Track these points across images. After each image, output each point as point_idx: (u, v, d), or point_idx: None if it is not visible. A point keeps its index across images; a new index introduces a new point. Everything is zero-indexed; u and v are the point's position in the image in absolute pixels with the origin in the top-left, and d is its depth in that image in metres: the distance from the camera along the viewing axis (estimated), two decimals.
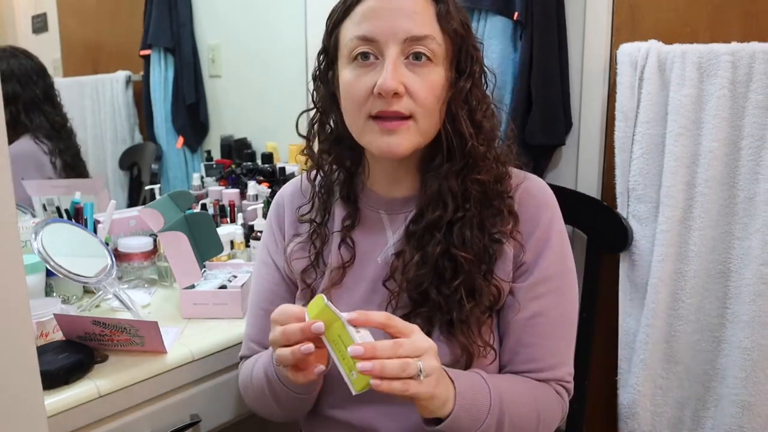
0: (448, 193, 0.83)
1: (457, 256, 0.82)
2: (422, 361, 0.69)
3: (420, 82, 0.80)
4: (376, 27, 0.79)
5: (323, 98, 0.90)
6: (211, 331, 1.11)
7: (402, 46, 0.79)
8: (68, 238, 1.14)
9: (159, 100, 2.11)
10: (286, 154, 1.93)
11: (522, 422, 0.81)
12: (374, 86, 0.78)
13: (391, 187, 0.91)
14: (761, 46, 1.17)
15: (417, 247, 0.84)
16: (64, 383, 0.90)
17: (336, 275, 0.89)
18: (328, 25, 0.86)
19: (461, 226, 0.83)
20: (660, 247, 1.27)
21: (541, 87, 1.41)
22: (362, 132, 0.83)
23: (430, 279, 0.82)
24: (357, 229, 0.91)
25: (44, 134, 1.71)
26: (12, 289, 0.52)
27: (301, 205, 0.95)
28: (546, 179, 1.53)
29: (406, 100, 0.79)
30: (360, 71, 0.81)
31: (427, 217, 0.84)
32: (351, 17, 0.82)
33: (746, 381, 1.20)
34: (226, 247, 1.39)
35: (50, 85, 1.77)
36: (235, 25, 2.07)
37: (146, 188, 1.77)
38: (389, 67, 0.78)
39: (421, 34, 0.79)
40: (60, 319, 0.98)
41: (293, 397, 0.85)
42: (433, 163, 0.85)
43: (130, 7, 2.15)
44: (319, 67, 0.89)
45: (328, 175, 0.93)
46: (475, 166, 0.84)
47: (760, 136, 1.18)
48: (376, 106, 0.80)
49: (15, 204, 0.52)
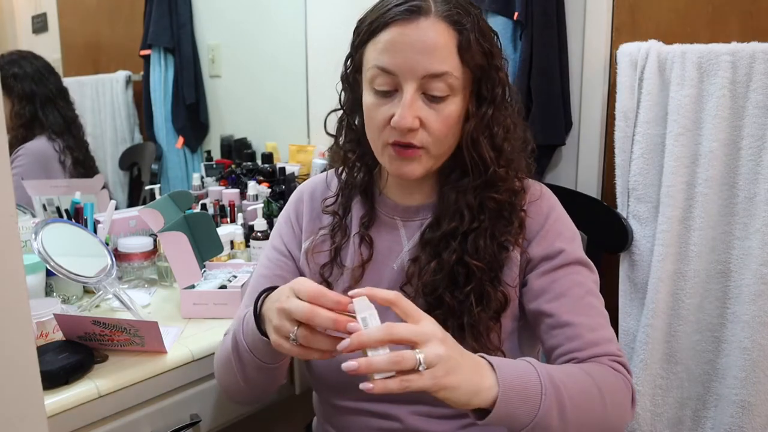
0: (465, 206, 0.85)
1: (470, 263, 0.83)
2: (424, 349, 0.63)
3: (435, 116, 0.81)
4: (396, 60, 0.80)
5: (350, 100, 0.91)
6: (211, 331, 1.11)
7: (420, 81, 0.80)
8: (68, 238, 1.14)
9: (159, 100, 2.11)
10: (286, 154, 1.93)
11: (585, 401, 0.74)
12: (391, 117, 0.80)
13: (406, 196, 0.93)
14: (761, 46, 1.17)
15: (433, 254, 0.86)
16: (64, 383, 0.90)
17: (357, 273, 0.91)
18: (355, 37, 0.87)
19: (475, 236, 0.85)
20: (660, 246, 1.27)
21: (541, 87, 1.41)
22: (380, 153, 0.86)
23: (445, 284, 0.84)
24: (374, 234, 0.93)
25: (57, 131, 1.78)
26: (12, 289, 0.52)
27: (326, 197, 0.97)
28: (546, 179, 1.53)
29: (421, 133, 0.82)
30: (379, 100, 0.83)
31: (443, 227, 0.86)
32: (374, 42, 0.82)
33: (746, 381, 1.20)
34: (226, 247, 1.39)
35: (60, 81, 1.84)
36: (235, 24, 2.07)
37: (146, 188, 1.78)
38: (405, 105, 0.79)
39: (439, 71, 0.79)
40: (60, 319, 0.98)
41: (260, 367, 0.83)
42: (452, 176, 0.88)
43: (130, 7, 2.15)
44: (346, 71, 0.91)
45: (351, 172, 0.95)
46: (494, 186, 0.86)
47: (760, 136, 1.18)
48: (392, 135, 0.82)
49: (15, 204, 0.52)
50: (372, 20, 0.83)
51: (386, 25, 0.81)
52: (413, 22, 0.79)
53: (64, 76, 2.07)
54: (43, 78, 1.78)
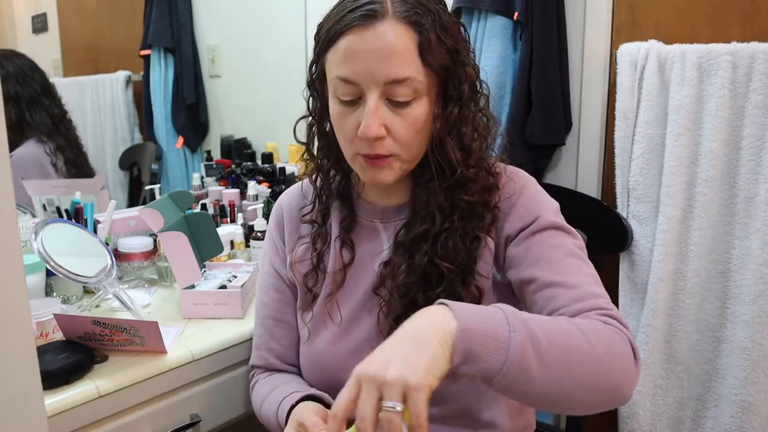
0: (437, 208, 0.84)
1: (440, 265, 0.82)
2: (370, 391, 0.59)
3: (401, 121, 0.79)
4: (356, 69, 0.77)
5: (318, 106, 0.90)
6: (211, 331, 1.11)
7: (383, 88, 0.77)
8: (68, 238, 1.14)
9: (159, 100, 2.11)
10: (286, 154, 1.93)
11: (565, 341, 0.66)
12: (358, 126, 0.79)
13: (384, 197, 0.92)
14: (761, 46, 1.17)
15: (406, 256, 0.85)
16: (64, 383, 0.90)
17: (339, 277, 0.91)
18: (316, 43, 0.85)
19: (446, 237, 0.83)
20: (660, 246, 1.27)
21: (541, 87, 1.41)
22: (352, 162, 0.85)
23: (418, 285, 0.83)
24: (355, 237, 0.92)
25: (46, 131, 1.72)
26: (12, 289, 0.52)
27: (303, 206, 0.96)
28: (546, 179, 1.53)
29: (388, 141, 0.80)
30: (345, 109, 0.81)
31: (415, 230, 0.85)
32: (333, 51, 0.80)
33: (746, 381, 1.20)
34: (226, 247, 1.39)
35: (45, 78, 1.78)
36: (235, 25, 2.07)
37: (146, 188, 1.77)
38: (369, 113, 0.77)
39: (400, 77, 0.76)
40: (60, 319, 0.98)
41: None
42: (422, 178, 0.86)
43: (130, 7, 2.16)
44: (311, 76, 0.89)
45: (327, 177, 0.93)
46: (464, 186, 0.84)
47: (760, 136, 1.18)
48: (361, 147, 0.81)
49: (15, 204, 0.52)
50: (329, 27, 0.80)
51: (342, 32, 0.78)
52: (370, 28, 0.76)
53: (64, 76, 2.07)
54: (26, 77, 1.71)
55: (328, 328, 0.91)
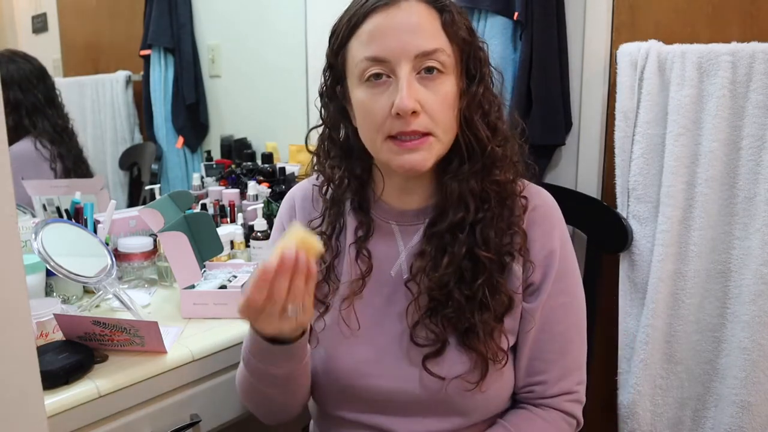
0: (469, 194, 0.84)
1: (479, 255, 0.82)
2: None
3: (434, 96, 0.80)
4: (385, 46, 0.78)
5: (332, 114, 0.89)
6: (211, 331, 1.11)
7: (413, 62, 0.78)
8: (68, 238, 1.14)
9: (159, 100, 2.11)
10: (286, 154, 1.93)
11: None
12: (391, 106, 0.78)
13: (403, 200, 0.91)
14: (761, 46, 1.17)
15: (440, 248, 0.85)
16: (64, 383, 0.90)
17: (356, 286, 0.89)
18: (332, 43, 0.85)
19: (483, 227, 0.84)
20: (660, 247, 1.27)
21: (541, 87, 1.41)
22: (380, 150, 0.83)
23: (455, 279, 0.83)
24: (370, 243, 0.91)
25: (47, 138, 1.70)
26: (12, 289, 0.52)
27: (312, 219, 0.95)
28: (546, 179, 1.53)
29: (423, 117, 0.80)
30: (374, 91, 0.81)
31: (449, 219, 0.84)
32: (357, 36, 0.81)
33: (746, 381, 1.20)
34: (226, 247, 1.39)
35: (51, 87, 1.76)
36: (235, 25, 2.07)
37: (146, 188, 1.77)
38: (404, 87, 0.77)
39: (430, 48, 0.79)
40: (60, 319, 0.98)
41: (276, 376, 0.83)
42: (451, 166, 0.86)
43: (130, 7, 2.15)
44: (325, 83, 0.89)
45: (338, 188, 0.92)
46: (494, 167, 0.85)
47: (760, 136, 1.18)
48: (395, 126, 0.80)
49: (15, 204, 0.52)
50: (350, 16, 0.82)
51: (367, 15, 0.80)
52: (394, 6, 0.79)
53: (64, 76, 2.07)
54: (30, 85, 1.68)
55: (345, 336, 0.89)
